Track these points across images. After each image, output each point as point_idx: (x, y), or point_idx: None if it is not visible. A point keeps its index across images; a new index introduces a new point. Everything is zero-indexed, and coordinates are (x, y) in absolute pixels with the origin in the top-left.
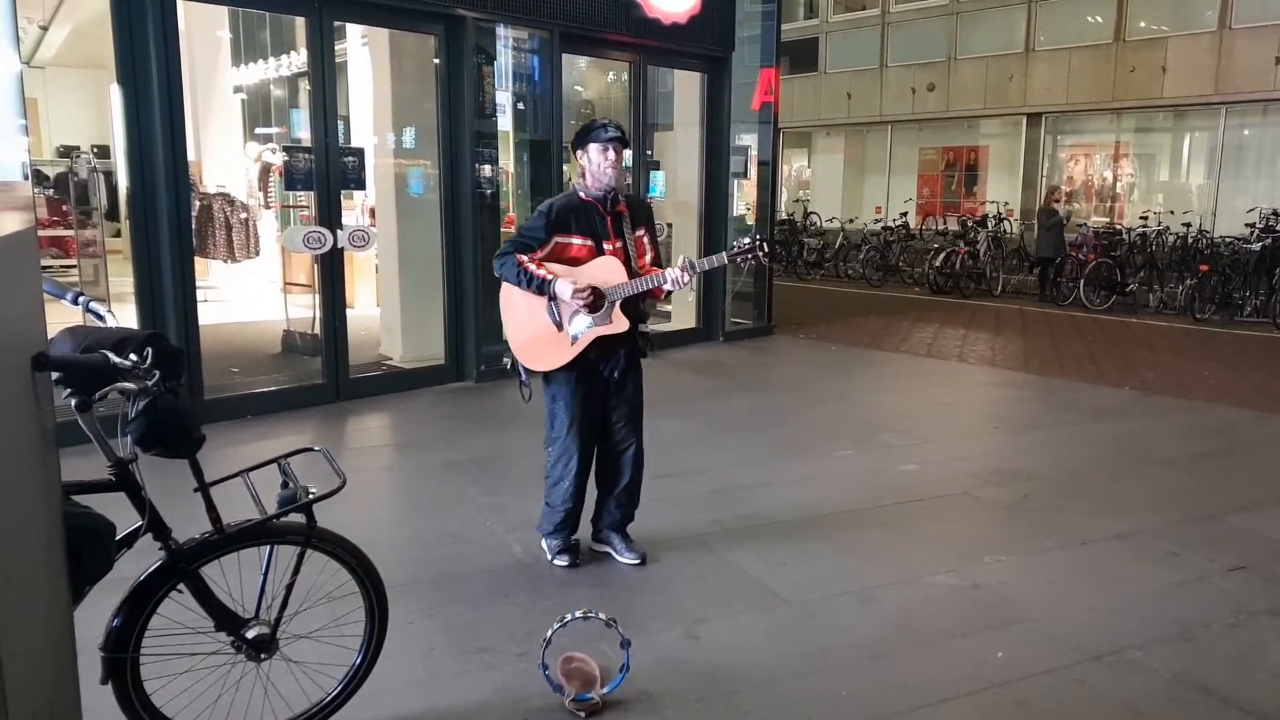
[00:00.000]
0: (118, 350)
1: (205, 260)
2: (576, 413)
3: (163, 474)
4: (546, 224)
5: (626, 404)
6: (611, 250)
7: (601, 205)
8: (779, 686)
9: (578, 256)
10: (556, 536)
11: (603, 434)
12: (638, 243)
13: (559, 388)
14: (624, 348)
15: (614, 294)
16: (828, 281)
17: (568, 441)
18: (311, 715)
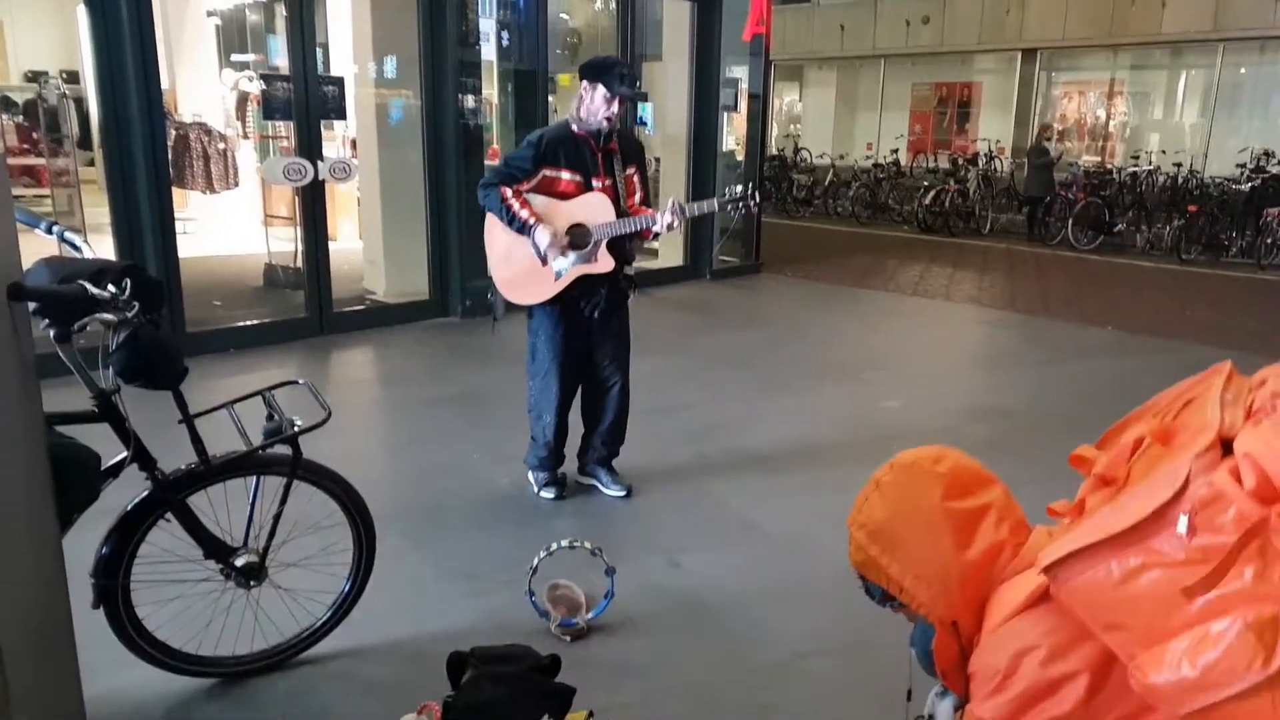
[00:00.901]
0: (95, 281)
1: (183, 191)
2: (558, 348)
3: (147, 406)
4: (535, 155)
5: (611, 342)
6: (600, 187)
7: (594, 140)
8: (759, 613)
9: (565, 191)
10: (543, 470)
11: (589, 371)
12: (628, 181)
13: (541, 322)
14: (606, 287)
15: (601, 233)
16: (817, 219)
17: (548, 376)
18: (302, 640)
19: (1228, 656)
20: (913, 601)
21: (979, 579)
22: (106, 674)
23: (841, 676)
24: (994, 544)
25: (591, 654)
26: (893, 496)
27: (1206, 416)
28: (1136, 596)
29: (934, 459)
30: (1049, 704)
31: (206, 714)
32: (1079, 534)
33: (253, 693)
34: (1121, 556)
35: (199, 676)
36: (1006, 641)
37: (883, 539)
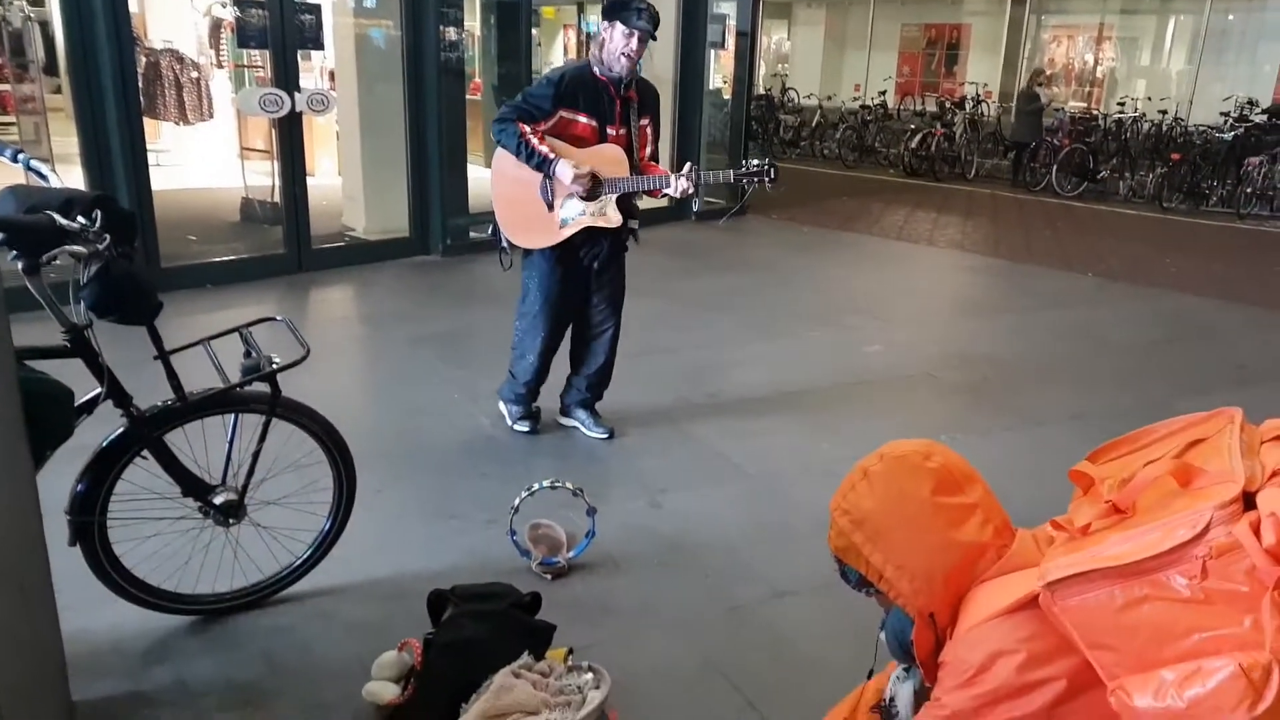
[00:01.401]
0: (64, 212)
1: (155, 121)
2: (552, 293)
3: (121, 342)
4: (555, 95)
5: (608, 289)
6: (615, 136)
7: (614, 87)
8: (738, 553)
9: (581, 135)
10: (517, 404)
11: (581, 316)
12: (641, 132)
13: (538, 265)
14: (609, 239)
15: (614, 187)
16: (803, 161)
17: (538, 319)
18: (282, 578)
19: (1217, 694)
20: (892, 590)
21: (960, 575)
22: (85, 611)
23: (818, 614)
24: (979, 543)
25: (572, 592)
26: (881, 487)
27: (1230, 467)
28: (1134, 624)
29: (925, 454)
30: (1016, 704)
31: (187, 650)
32: (1085, 556)
33: (233, 630)
34: (1127, 585)
35: (179, 614)
36: (985, 640)
37: (867, 527)
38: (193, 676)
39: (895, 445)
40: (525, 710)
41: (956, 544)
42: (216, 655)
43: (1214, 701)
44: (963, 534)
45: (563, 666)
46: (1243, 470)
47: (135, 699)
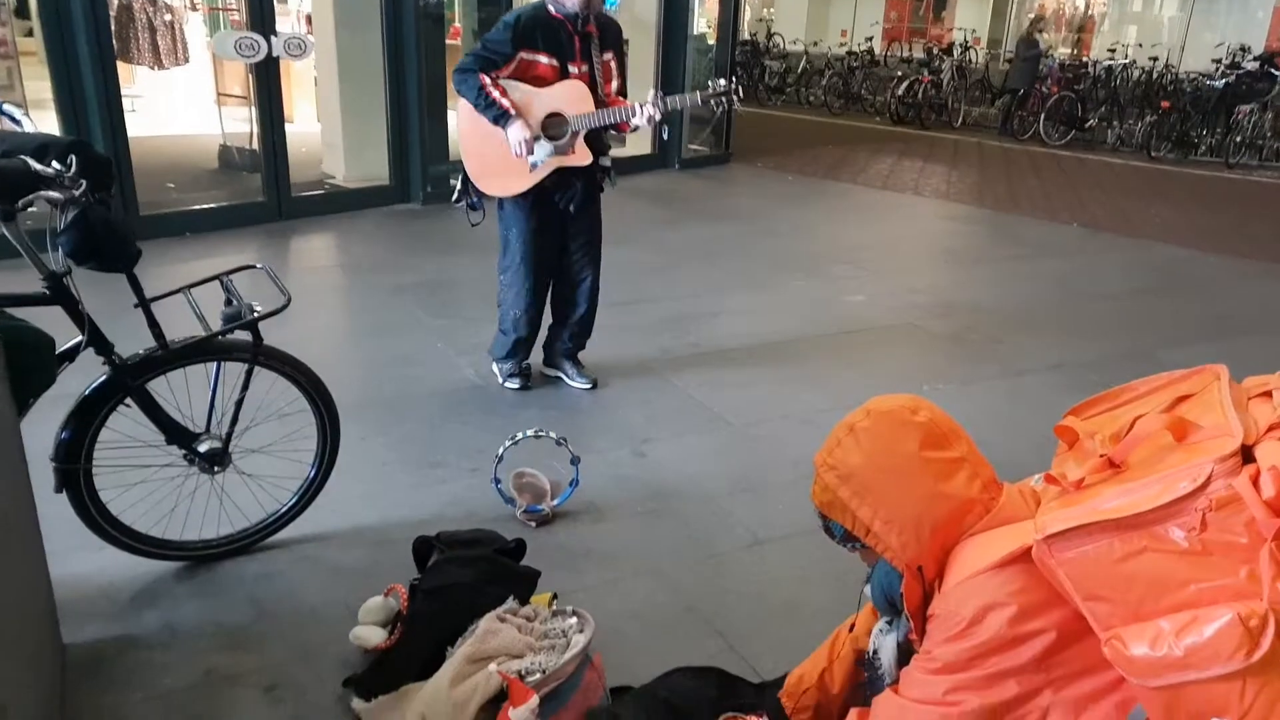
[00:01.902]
0: (38, 157)
1: (130, 66)
2: (530, 241)
3: (101, 290)
4: (513, 37)
5: (584, 235)
6: (577, 74)
7: (571, 24)
8: (719, 501)
9: (543, 75)
10: (508, 361)
11: (559, 264)
12: (604, 67)
13: (513, 215)
14: (582, 180)
15: (579, 124)
16: (789, 108)
17: (520, 269)
18: (267, 525)
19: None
20: (879, 544)
21: (948, 529)
22: (74, 558)
23: (798, 561)
24: (967, 498)
25: (556, 540)
26: (868, 442)
27: (1226, 421)
28: (1132, 575)
29: (912, 409)
30: (1007, 656)
31: (175, 595)
32: (1083, 510)
33: (221, 576)
34: (1125, 537)
35: (166, 560)
36: (976, 594)
37: (854, 482)
38: (181, 620)
39: (881, 400)
40: (510, 654)
41: (945, 497)
42: (205, 600)
43: (1211, 650)
44: (951, 488)
45: (547, 611)
46: (1239, 425)
47: (125, 642)
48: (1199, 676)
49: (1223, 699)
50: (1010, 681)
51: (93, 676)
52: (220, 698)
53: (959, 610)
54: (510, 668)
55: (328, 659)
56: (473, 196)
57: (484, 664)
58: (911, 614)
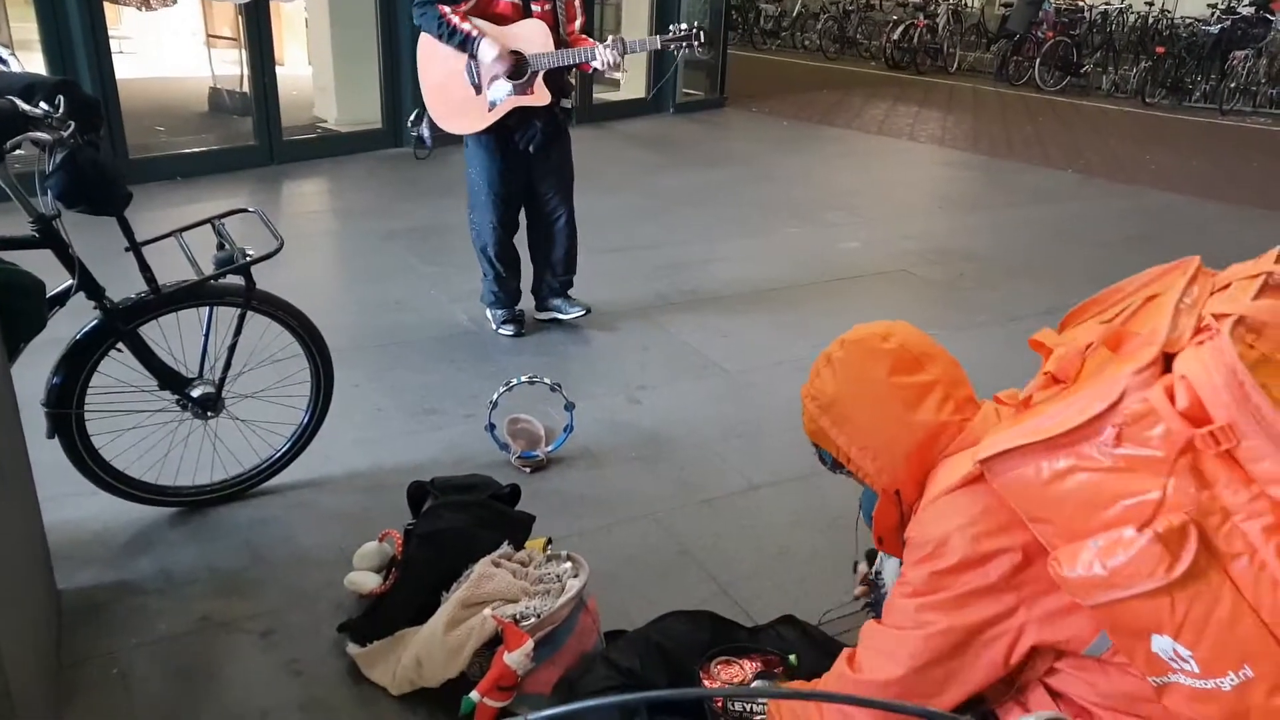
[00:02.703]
0: (25, 97)
1: (116, 7)
2: (493, 178)
3: (92, 233)
4: None
5: (553, 174)
6: (540, 12)
7: None
8: (713, 445)
9: (504, 14)
10: (499, 306)
11: (532, 205)
12: (568, 6)
13: (475, 153)
14: (542, 120)
15: (538, 63)
16: (784, 52)
17: (486, 208)
18: (261, 471)
19: (1135, 561)
20: (859, 471)
21: (923, 452)
22: (67, 503)
23: (791, 506)
24: (938, 421)
25: (550, 485)
26: (842, 371)
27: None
28: (1062, 496)
29: (883, 335)
30: (975, 575)
31: (168, 540)
32: (1016, 432)
33: (215, 521)
34: (1052, 458)
35: (160, 506)
36: (943, 515)
37: (833, 412)
38: (176, 566)
39: (857, 329)
40: (505, 598)
41: (915, 423)
42: (199, 545)
43: (1133, 569)
44: (921, 413)
45: (542, 556)
46: (1166, 330)
47: (120, 587)
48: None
49: (1155, 615)
50: (981, 602)
51: (87, 623)
52: (215, 643)
53: (926, 533)
54: (505, 612)
55: (323, 604)
56: (425, 130)
57: (479, 609)
58: (880, 537)
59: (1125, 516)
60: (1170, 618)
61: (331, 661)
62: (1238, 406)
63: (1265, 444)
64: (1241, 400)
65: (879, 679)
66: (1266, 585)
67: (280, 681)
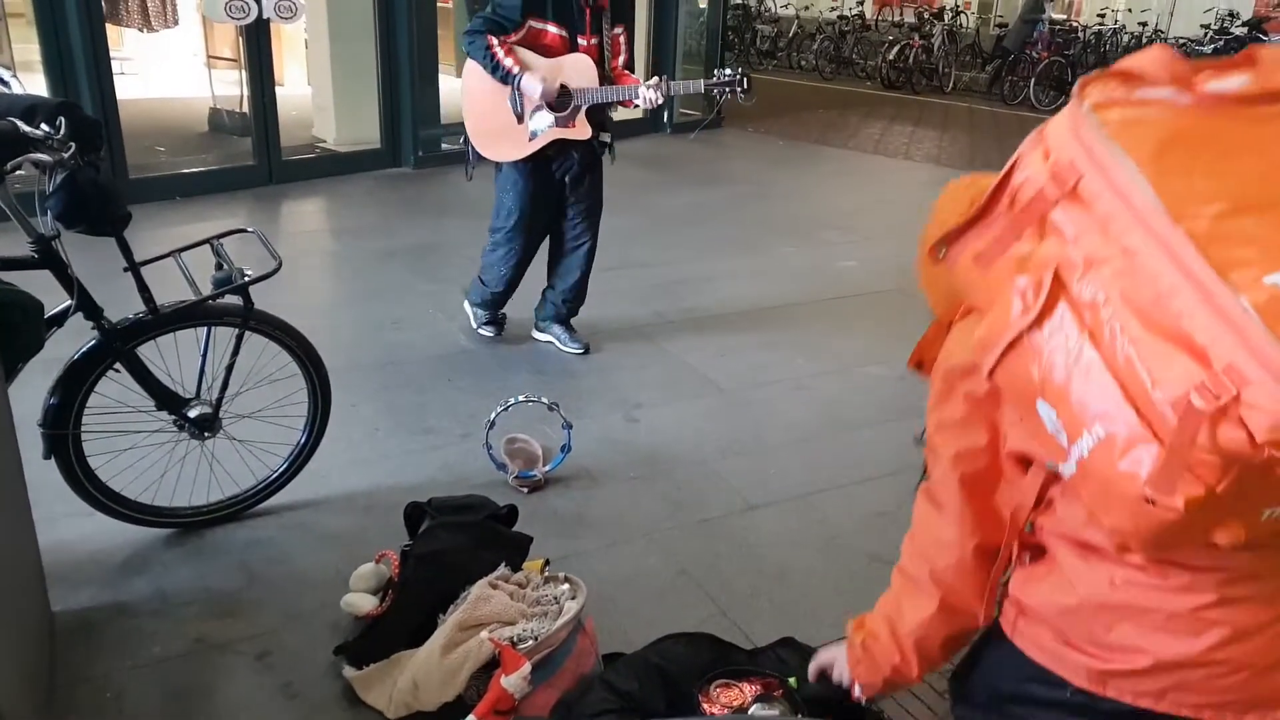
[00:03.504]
0: (27, 119)
1: (118, 28)
2: (525, 206)
3: (90, 254)
4: (523, 4)
5: (583, 203)
6: (585, 46)
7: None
8: (711, 465)
9: (551, 45)
10: (484, 309)
11: (559, 230)
12: (614, 41)
13: (511, 178)
14: (579, 152)
15: (582, 99)
16: (780, 72)
17: (512, 233)
18: (258, 491)
19: (1000, 312)
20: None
21: None
22: (63, 524)
23: (790, 526)
24: None
25: (548, 505)
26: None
27: None
28: (977, 279)
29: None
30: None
31: (165, 561)
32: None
33: (211, 542)
34: (972, 240)
35: (156, 527)
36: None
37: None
38: (172, 587)
39: None
40: (503, 620)
41: None
42: (195, 566)
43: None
44: None
45: (539, 577)
46: None
47: (115, 609)
48: (999, 349)
49: (1027, 372)
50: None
51: (82, 644)
52: (211, 665)
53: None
54: (502, 635)
55: (319, 626)
56: (470, 154)
57: (476, 631)
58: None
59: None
60: (1037, 374)
61: (327, 684)
62: (1073, 143)
63: (1096, 178)
64: (1075, 136)
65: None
66: (1115, 335)
67: (275, 704)
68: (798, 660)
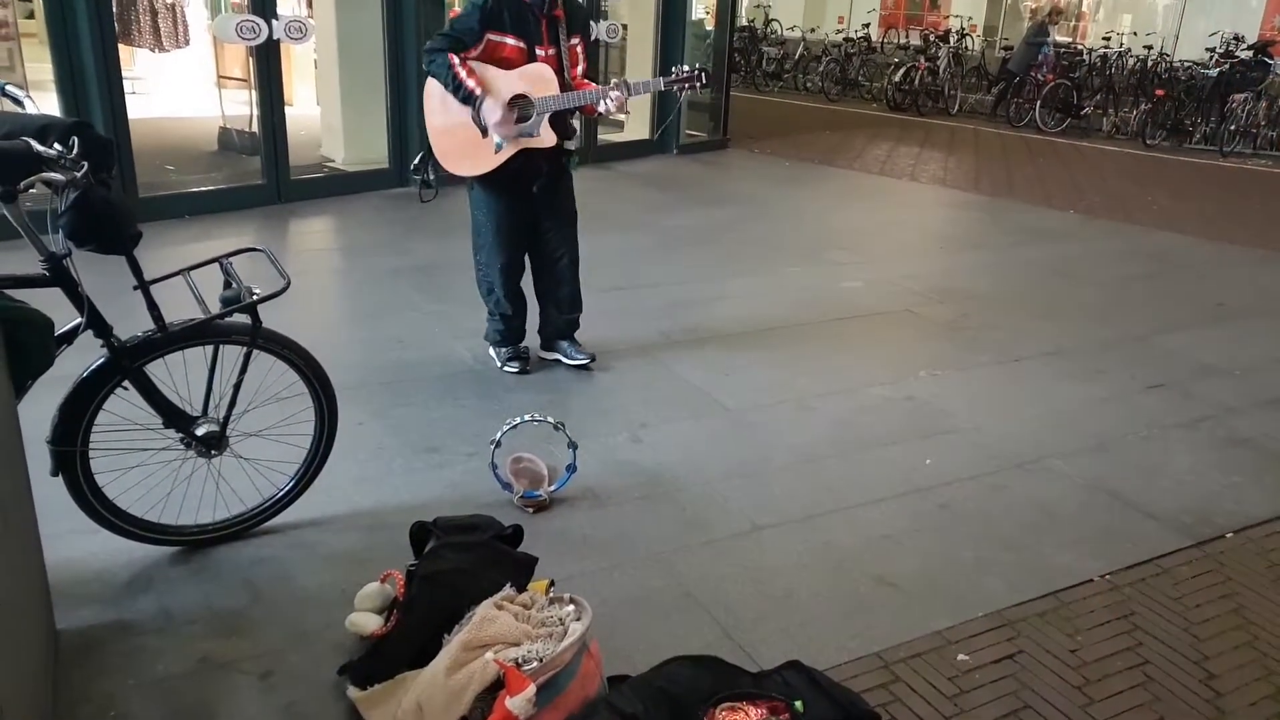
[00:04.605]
0: (40, 138)
1: (131, 49)
2: (501, 220)
3: (100, 272)
4: (481, 18)
5: (557, 214)
6: (544, 57)
7: (538, 7)
8: (717, 486)
9: (510, 58)
10: (504, 345)
11: (537, 244)
12: (571, 51)
13: (482, 195)
14: (548, 161)
15: (543, 106)
16: (786, 94)
17: (492, 249)
18: (265, 509)
19: None
20: None
21: None
22: (68, 541)
23: (795, 547)
24: None
25: (554, 525)
26: None
27: None
28: None
29: None
30: None
31: (170, 580)
32: None
33: (216, 560)
34: None
35: (161, 545)
36: None
37: None
38: (176, 605)
39: None
40: (508, 641)
41: None
42: (200, 585)
43: None
44: None
45: (545, 598)
46: None
47: (119, 627)
48: None
49: None
50: None
51: (86, 663)
52: (214, 684)
53: None
54: (507, 656)
55: (323, 646)
56: (429, 174)
57: (480, 652)
58: None
59: None
60: None
61: (331, 704)
62: None
63: None
64: None
65: None
66: None
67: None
68: (804, 684)
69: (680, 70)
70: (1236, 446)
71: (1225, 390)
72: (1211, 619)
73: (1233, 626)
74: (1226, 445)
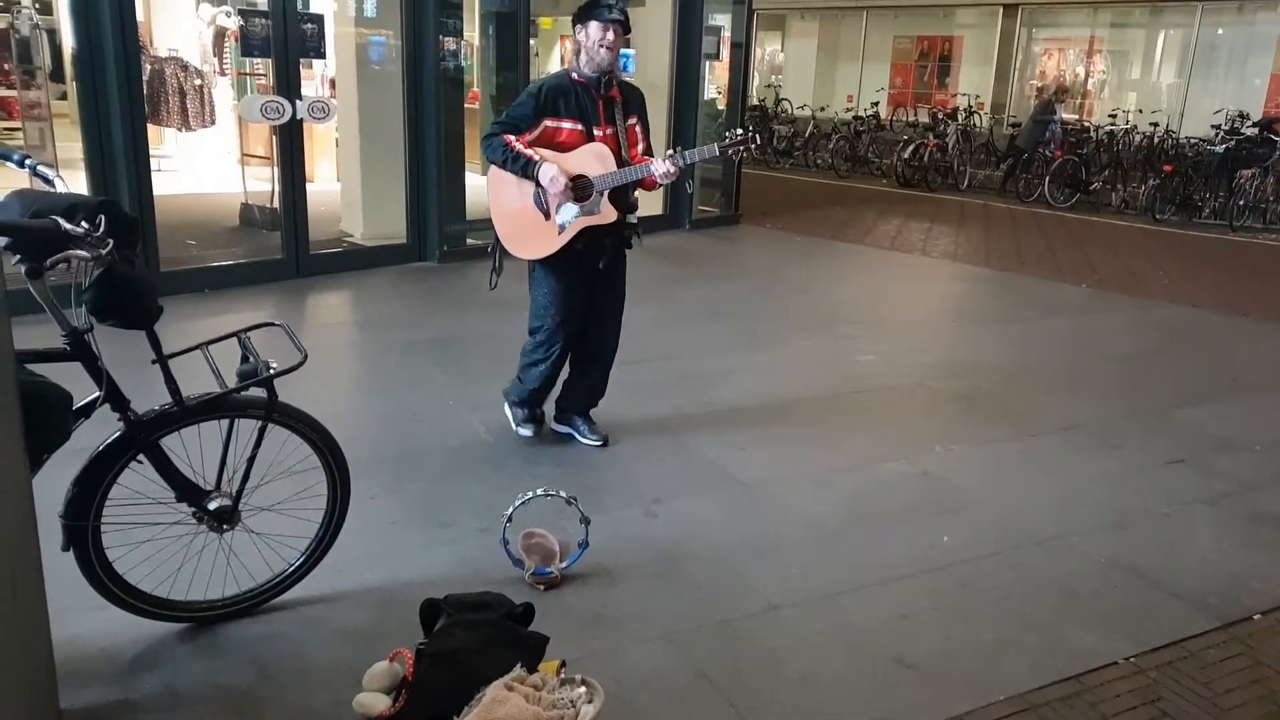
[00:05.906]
0: (68, 216)
1: (158, 128)
2: (562, 303)
3: (120, 345)
4: (536, 106)
5: (611, 295)
6: (602, 137)
7: (594, 89)
8: (731, 563)
9: (567, 142)
10: (523, 407)
11: (587, 332)
12: (629, 131)
13: (545, 277)
14: (611, 239)
15: (602, 183)
16: (796, 171)
17: (551, 331)
18: (275, 585)
19: None
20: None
21: None
22: (76, 617)
23: (812, 627)
24: None
25: (565, 603)
26: None
27: None
28: None
29: None
30: None
31: (177, 657)
32: None
33: (224, 637)
34: None
35: (170, 621)
36: None
37: None
38: (183, 684)
39: None
40: None
41: None
42: (207, 662)
43: None
44: None
45: (556, 679)
46: None
47: (124, 707)
48: None
49: None
50: None
51: None
52: None
53: None
54: None
55: None
56: (496, 261)
57: None
58: None
59: None
60: None
61: None
62: None
63: None
64: None
65: None
66: None
67: None
68: None
69: (734, 134)
70: (1259, 524)
71: (1245, 466)
72: (1242, 705)
73: (1265, 715)
74: (1249, 522)
